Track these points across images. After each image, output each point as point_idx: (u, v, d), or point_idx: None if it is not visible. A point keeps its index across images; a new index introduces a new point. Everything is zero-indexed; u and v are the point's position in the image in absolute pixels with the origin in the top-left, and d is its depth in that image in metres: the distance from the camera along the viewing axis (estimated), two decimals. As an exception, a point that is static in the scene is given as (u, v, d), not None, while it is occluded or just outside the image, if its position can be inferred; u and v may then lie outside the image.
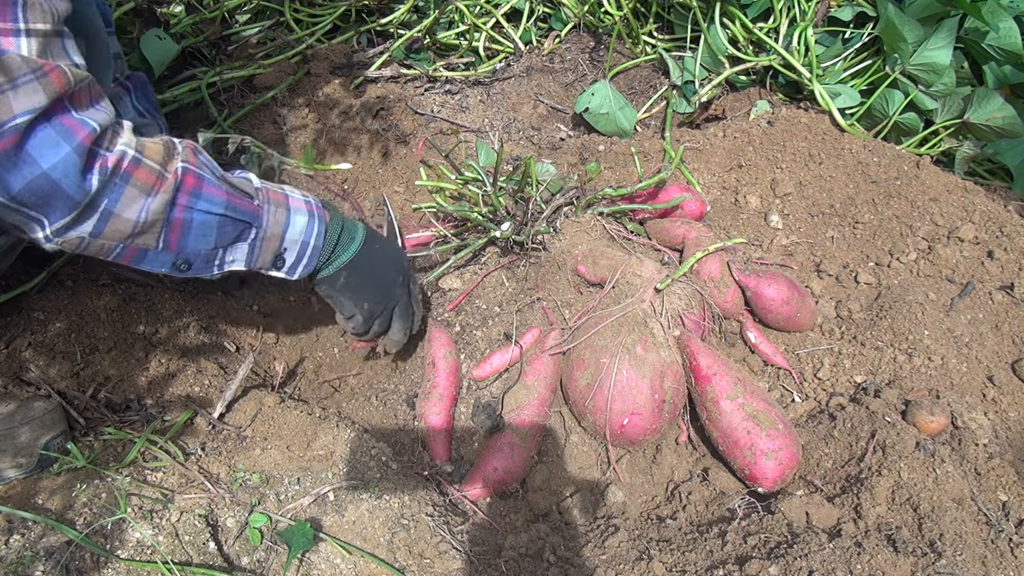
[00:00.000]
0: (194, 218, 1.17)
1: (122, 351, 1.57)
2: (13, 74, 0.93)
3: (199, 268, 1.23)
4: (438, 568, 1.25)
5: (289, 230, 1.31)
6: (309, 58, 2.40)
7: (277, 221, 1.29)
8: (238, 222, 1.22)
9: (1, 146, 0.94)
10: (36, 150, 0.97)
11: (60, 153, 0.99)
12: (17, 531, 1.15)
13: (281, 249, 1.32)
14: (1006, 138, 2.19)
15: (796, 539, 1.24)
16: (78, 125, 1.01)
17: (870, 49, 2.34)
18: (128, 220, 1.09)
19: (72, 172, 1.00)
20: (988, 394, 1.58)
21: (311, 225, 1.35)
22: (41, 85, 0.96)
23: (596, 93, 2.36)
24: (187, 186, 1.15)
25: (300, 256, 1.35)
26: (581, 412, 1.55)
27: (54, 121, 0.99)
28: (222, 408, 1.47)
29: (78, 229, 1.05)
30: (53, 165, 0.99)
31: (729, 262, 1.73)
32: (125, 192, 1.07)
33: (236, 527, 1.24)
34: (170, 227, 1.15)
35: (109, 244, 1.10)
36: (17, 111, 0.94)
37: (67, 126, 1.00)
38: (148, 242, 1.14)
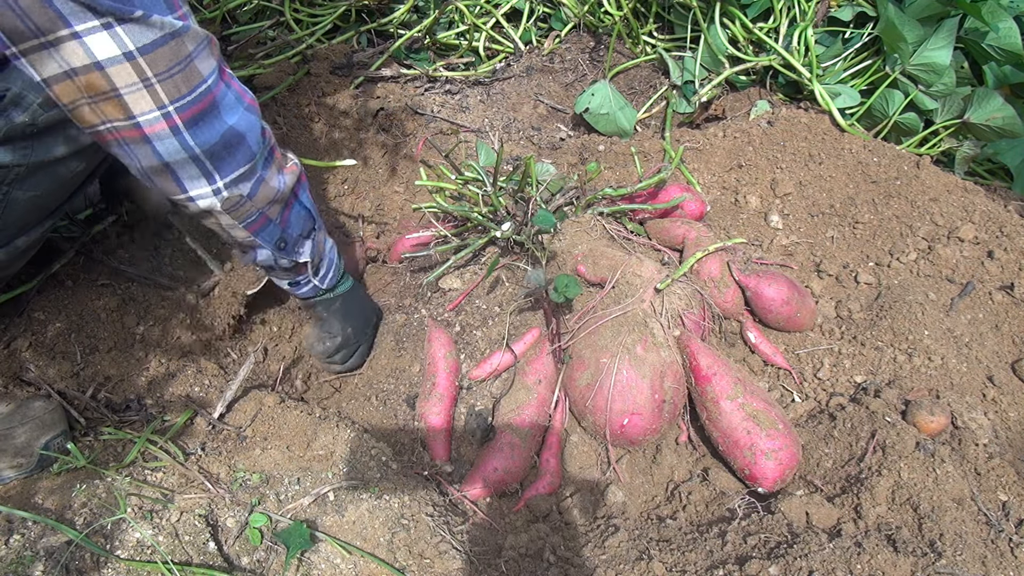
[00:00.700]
0: (296, 206, 1.39)
1: (122, 351, 1.57)
2: (198, 41, 1.07)
3: (289, 250, 1.43)
4: (438, 568, 1.25)
5: (327, 243, 1.56)
6: (309, 58, 2.40)
7: (324, 231, 1.54)
8: (313, 219, 1.46)
9: (200, 106, 1.10)
10: (224, 108, 1.15)
11: (239, 111, 1.17)
12: (17, 531, 1.15)
13: (323, 255, 1.55)
14: (1006, 138, 2.19)
15: (796, 539, 1.24)
16: (243, 90, 1.20)
17: (870, 49, 2.34)
18: (272, 188, 1.29)
19: (255, 127, 1.21)
20: (988, 394, 1.58)
21: (333, 247, 1.61)
22: (211, 51, 1.11)
23: (596, 93, 2.36)
24: (302, 179, 1.41)
25: (328, 268, 1.58)
26: (581, 412, 1.55)
27: (230, 85, 1.17)
28: (222, 408, 1.46)
29: (241, 186, 1.22)
30: (238, 120, 1.17)
31: (729, 262, 1.73)
32: (272, 165, 1.28)
33: (236, 527, 1.24)
34: (286, 206, 1.37)
35: (253, 209, 1.28)
36: (205, 74, 1.10)
37: (237, 90, 1.18)
38: (273, 213, 1.34)
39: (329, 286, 1.61)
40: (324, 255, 1.55)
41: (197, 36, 1.07)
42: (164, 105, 1.06)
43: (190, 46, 1.06)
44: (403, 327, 1.80)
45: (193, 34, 1.06)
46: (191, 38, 1.06)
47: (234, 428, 1.45)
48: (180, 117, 1.08)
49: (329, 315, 1.67)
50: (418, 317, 1.80)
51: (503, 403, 1.57)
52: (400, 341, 1.77)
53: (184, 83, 1.06)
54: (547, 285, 1.58)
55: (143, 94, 1.03)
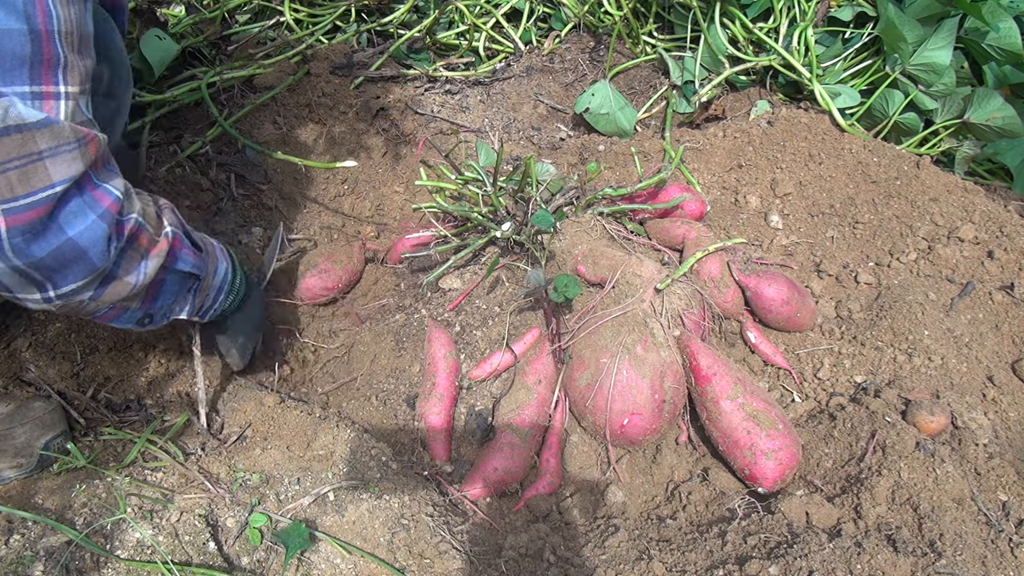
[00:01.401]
0: (167, 278, 1.21)
1: (122, 351, 1.57)
2: (59, 142, 0.93)
3: (157, 321, 1.26)
4: (438, 568, 1.25)
5: (215, 277, 1.37)
6: (309, 58, 2.40)
7: (211, 270, 1.34)
8: (192, 276, 1.27)
9: (34, 214, 0.93)
10: (65, 218, 0.97)
11: (87, 221, 1.00)
12: (17, 531, 1.15)
13: (205, 299, 1.37)
14: (1006, 138, 2.19)
15: (796, 539, 1.24)
16: (103, 194, 1.03)
17: (870, 49, 2.34)
18: (128, 284, 1.11)
19: (100, 240, 1.02)
20: (988, 394, 1.58)
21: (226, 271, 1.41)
22: (80, 154, 0.97)
23: (596, 93, 2.36)
24: (174, 248, 1.19)
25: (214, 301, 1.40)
26: (581, 412, 1.55)
27: (83, 191, 1.00)
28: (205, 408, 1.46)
29: (81, 294, 1.05)
30: (80, 232, 0.99)
31: (729, 262, 1.73)
32: (127, 258, 1.09)
33: (236, 527, 1.24)
34: (150, 288, 1.18)
35: (100, 306, 1.11)
36: (55, 179, 0.94)
37: (94, 195, 1.01)
38: (132, 303, 1.16)
39: (214, 318, 1.44)
40: (210, 295, 1.38)
41: (58, 135, 0.93)
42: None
43: (42, 144, 0.91)
44: (403, 327, 1.80)
45: (53, 132, 0.92)
46: (50, 136, 0.91)
47: (225, 437, 1.45)
48: (5, 222, 0.91)
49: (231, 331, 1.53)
50: (418, 317, 1.80)
51: (503, 403, 1.57)
52: (400, 341, 1.77)
53: (20, 183, 0.90)
54: (547, 285, 1.58)
55: None
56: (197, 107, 2.25)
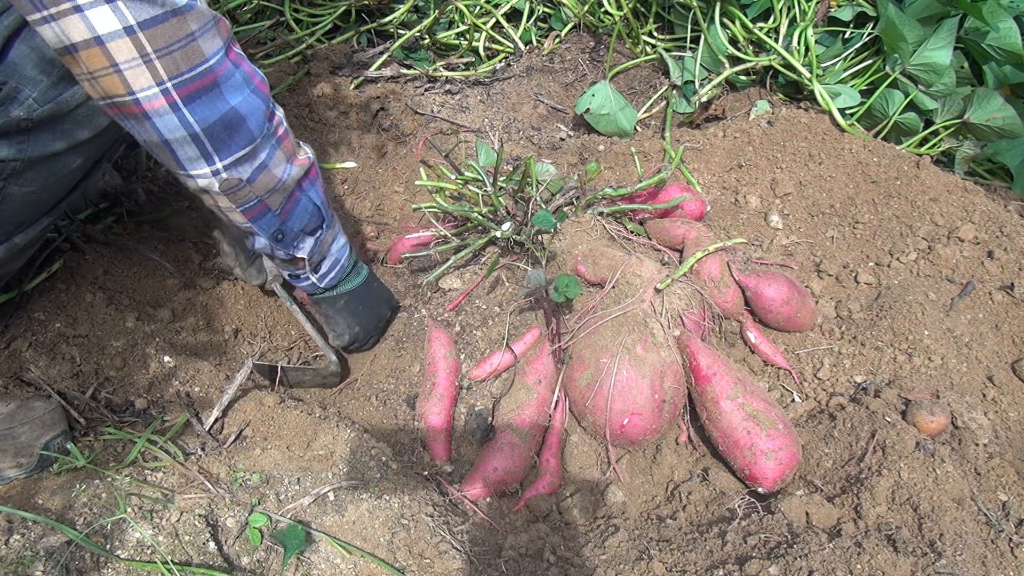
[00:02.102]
0: (302, 200, 1.38)
1: (122, 351, 1.57)
2: (202, 22, 1.08)
3: (286, 243, 1.42)
4: (438, 568, 1.25)
5: (334, 243, 1.55)
6: (309, 58, 2.40)
7: (333, 231, 1.53)
8: (320, 217, 1.45)
9: (200, 83, 1.10)
10: (227, 88, 1.15)
11: (244, 93, 1.17)
12: (17, 531, 1.15)
13: (326, 254, 1.54)
14: (1006, 138, 2.19)
15: (796, 539, 1.24)
16: (253, 72, 1.21)
17: (870, 49, 2.34)
18: (274, 177, 1.29)
19: (258, 111, 1.20)
20: (988, 394, 1.58)
21: (345, 247, 1.60)
22: (217, 31, 1.11)
23: (596, 94, 2.36)
24: (311, 172, 1.40)
25: (332, 267, 1.58)
26: (581, 412, 1.55)
27: (238, 66, 1.17)
28: (218, 412, 1.46)
29: (240, 169, 1.22)
30: (240, 102, 1.16)
31: (729, 262, 1.73)
32: (277, 153, 1.28)
33: (236, 527, 1.24)
34: (289, 198, 1.35)
35: (252, 195, 1.27)
36: (207, 54, 1.10)
37: (246, 71, 1.19)
38: (274, 203, 1.33)
39: (328, 285, 1.60)
40: (328, 254, 1.55)
41: (202, 16, 1.08)
42: (163, 81, 1.06)
43: (193, 25, 1.06)
44: (403, 327, 1.80)
45: (197, 13, 1.07)
46: (195, 17, 1.06)
47: (225, 437, 1.45)
48: (178, 93, 1.09)
49: (334, 313, 1.67)
50: (418, 317, 1.80)
51: (503, 403, 1.57)
52: (400, 341, 1.77)
53: (184, 60, 1.07)
54: (547, 285, 1.58)
55: (143, 69, 1.04)
56: (197, 107, 2.25)
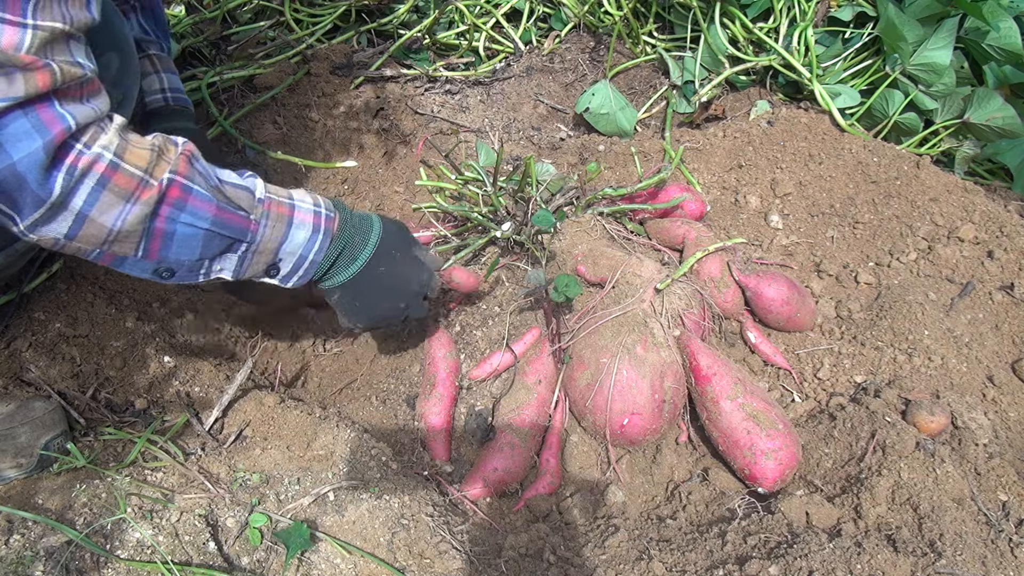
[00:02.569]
0: (176, 230, 1.13)
1: (122, 351, 1.58)
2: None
3: (183, 276, 1.19)
4: (438, 568, 1.25)
5: (285, 244, 1.26)
6: (309, 58, 2.40)
7: (272, 236, 1.24)
8: (225, 237, 1.18)
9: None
10: (8, 140, 0.94)
11: (31, 146, 0.96)
12: (17, 531, 1.15)
13: (276, 260, 1.27)
14: (1006, 138, 2.18)
15: (796, 539, 1.24)
16: (55, 120, 0.97)
17: (870, 49, 2.34)
18: (103, 226, 1.05)
19: (36, 168, 0.97)
20: (988, 394, 1.58)
21: (313, 239, 1.29)
22: (23, 78, 0.92)
23: (596, 93, 2.36)
24: (170, 197, 1.11)
25: (296, 267, 1.30)
26: (581, 412, 1.55)
27: (31, 112, 0.95)
28: (218, 412, 1.46)
29: (51, 228, 1.02)
30: (21, 158, 0.95)
31: (729, 262, 1.73)
32: (101, 197, 1.03)
33: (236, 527, 1.24)
34: (150, 237, 1.11)
35: (86, 247, 1.07)
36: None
37: (44, 119, 0.96)
38: (126, 250, 1.10)
39: (299, 284, 1.34)
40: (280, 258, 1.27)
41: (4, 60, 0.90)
42: None
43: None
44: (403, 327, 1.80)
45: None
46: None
47: (225, 437, 1.45)
48: None
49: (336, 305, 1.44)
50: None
51: (503, 403, 1.57)
52: (400, 341, 1.77)
53: None
54: (547, 285, 1.58)
55: None
56: (197, 107, 2.24)
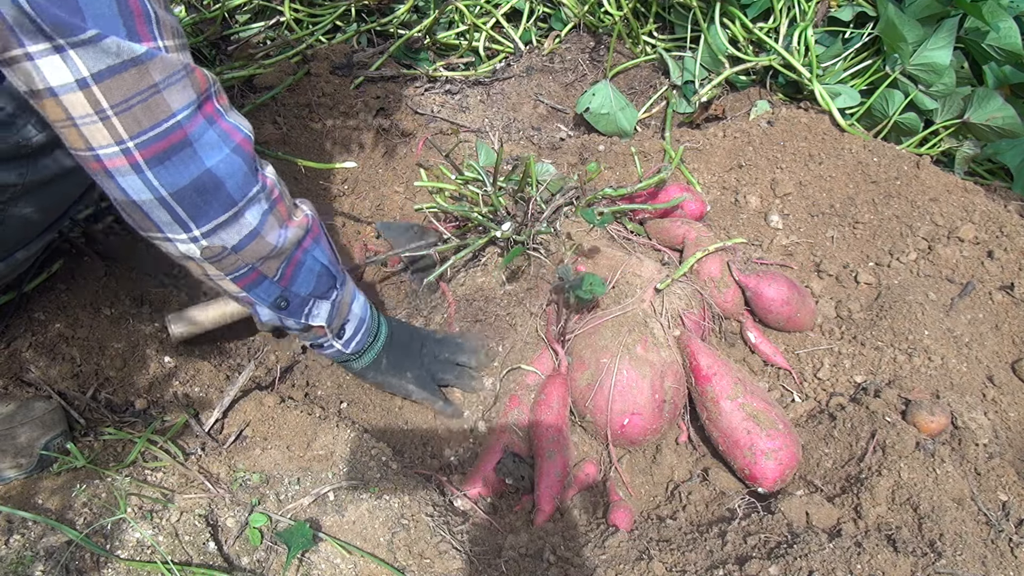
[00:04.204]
0: (306, 261, 1.25)
1: (122, 351, 1.57)
2: (169, 72, 0.96)
3: (293, 310, 1.28)
4: (438, 568, 1.25)
5: (354, 303, 1.41)
6: (309, 58, 2.40)
7: (348, 290, 1.38)
8: (332, 277, 1.31)
9: (166, 143, 0.98)
10: (201, 148, 1.02)
11: (222, 153, 1.04)
12: (17, 531, 1.15)
13: (347, 317, 1.40)
14: (1006, 138, 2.18)
15: (796, 539, 1.24)
16: (234, 129, 1.07)
17: (870, 49, 2.34)
18: (268, 243, 1.15)
19: (237, 172, 1.07)
20: (988, 394, 1.58)
21: (366, 304, 1.46)
22: (190, 81, 0.99)
23: (597, 93, 2.36)
24: (313, 231, 1.26)
25: (357, 330, 1.43)
26: (581, 412, 1.55)
27: (213, 122, 1.04)
28: (219, 414, 1.46)
29: (223, 236, 1.10)
30: (217, 163, 1.04)
31: (729, 262, 1.73)
32: (269, 218, 1.14)
33: (236, 527, 1.24)
34: (289, 262, 1.22)
35: (241, 263, 1.15)
36: (175, 108, 0.98)
37: (224, 128, 1.06)
38: (270, 269, 1.20)
39: (357, 349, 1.45)
40: (348, 316, 1.40)
41: (168, 65, 0.96)
42: (123, 140, 0.95)
43: (156, 76, 0.95)
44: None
45: (162, 62, 0.95)
46: (159, 67, 0.95)
47: (225, 437, 1.45)
48: (141, 154, 0.97)
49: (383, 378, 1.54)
50: (421, 318, 1.81)
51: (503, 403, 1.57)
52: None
53: (145, 116, 0.95)
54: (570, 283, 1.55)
55: (99, 127, 0.93)
56: (197, 107, 2.25)
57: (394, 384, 1.56)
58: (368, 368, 1.52)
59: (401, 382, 1.56)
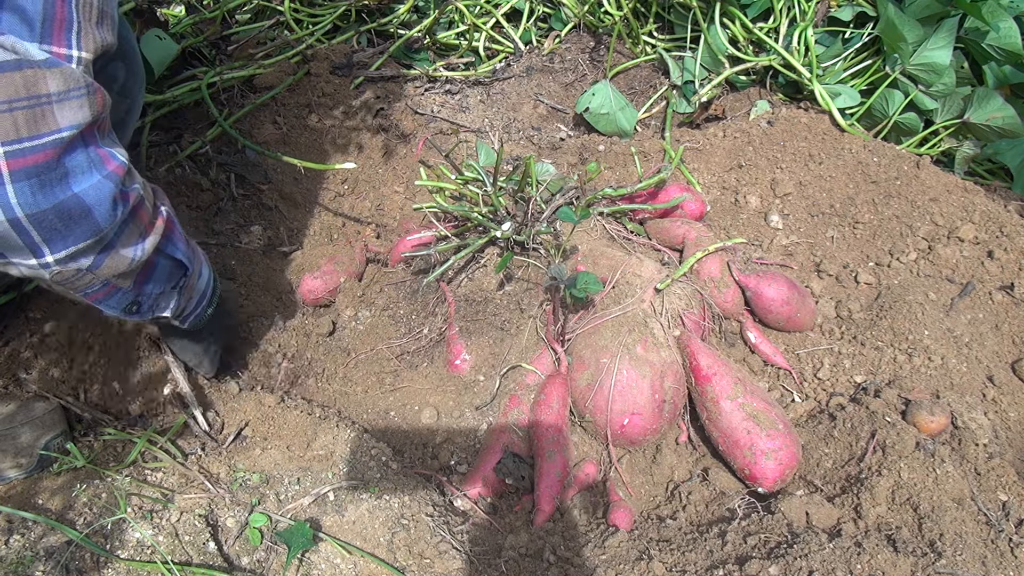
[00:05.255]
0: (159, 262, 1.17)
1: (121, 352, 1.57)
2: (68, 86, 0.90)
3: (144, 311, 1.22)
4: (438, 568, 1.25)
5: (199, 282, 1.33)
6: (309, 58, 2.40)
7: (196, 270, 1.30)
8: (185, 267, 1.23)
9: (40, 157, 0.90)
10: (72, 172, 0.94)
11: (93, 179, 0.97)
12: (17, 531, 1.15)
13: (190, 298, 1.32)
14: (1006, 138, 2.18)
15: (796, 539, 1.24)
16: (109, 156, 1.00)
17: (870, 49, 2.34)
18: (125, 258, 1.07)
19: (106, 200, 0.99)
20: (988, 394, 1.58)
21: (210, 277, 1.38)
22: (88, 102, 0.94)
23: (597, 93, 2.36)
24: (168, 230, 1.16)
25: (197, 304, 1.36)
26: (581, 412, 1.55)
27: (88, 146, 0.97)
28: (218, 412, 1.46)
29: (80, 260, 1.01)
30: (85, 189, 0.96)
31: (729, 262, 1.73)
32: (127, 229, 1.06)
33: (236, 527, 1.24)
34: (144, 268, 1.14)
35: (96, 281, 1.07)
36: (62, 125, 0.91)
37: (99, 154, 0.99)
38: (124, 282, 1.12)
39: (194, 324, 1.40)
40: (194, 297, 1.34)
41: (69, 79, 0.90)
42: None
43: (52, 86, 0.88)
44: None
45: (64, 74, 0.89)
46: (58, 78, 0.88)
47: (224, 437, 1.45)
48: (8, 165, 0.87)
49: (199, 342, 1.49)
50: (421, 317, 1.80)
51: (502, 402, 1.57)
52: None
53: (26, 125, 0.87)
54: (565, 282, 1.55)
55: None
56: (197, 107, 2.25)
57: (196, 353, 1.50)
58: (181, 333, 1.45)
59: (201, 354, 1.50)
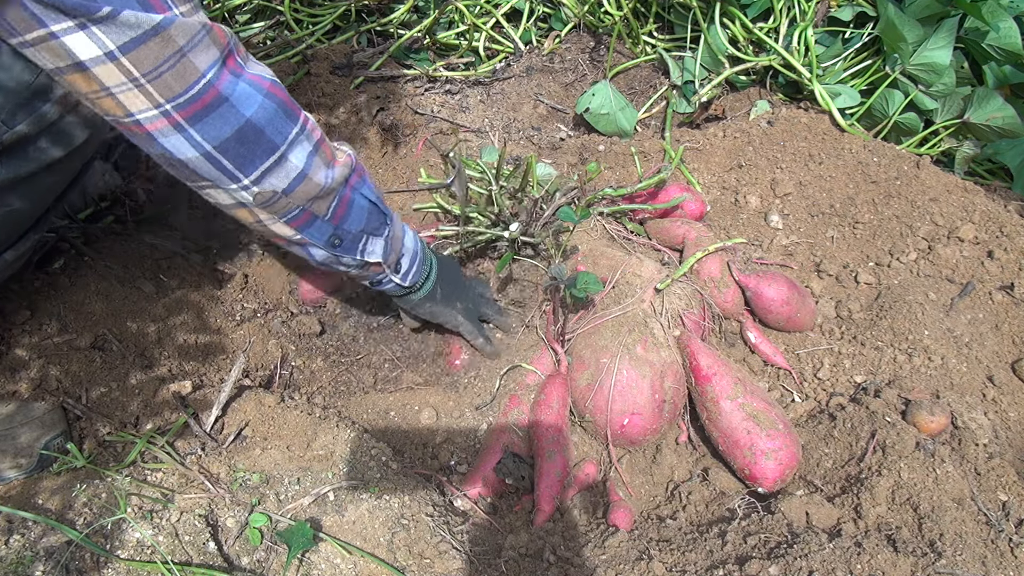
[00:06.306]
0: (355, 199, 1.29)
1: (121, 351, 1.57)
2: (191, 34, 0.99)
3: (348, 247, 1.32)
4: (438, 568, 1.25)
5: (405, 237, 1.45)
6: (309, 58, 2.40)
7: (399, 225, 1.42)
8: (381, 214, 1.35)
9: (204, 100, 1.02)
10: (237, 100, 1.06)
11: (256, 101, 1.09)
12: (17, 531, 1.15)
13: (401, 251, 1.44)
14: (1006, 138, 2.18)
15: (796, 539, 1.24)
16: (259, 78, 1.12)
17: (870, 49, 2.34)
18: (317, 184, 1.19)
19: (274, 117, 1.11)
20: (988, 394, 1.58)
21: (415, 236, 1.49)
22: (212, 39, 1.03)
23: (597, 93, 2.36)
24: (357, 170, 1.30)
25: (412, 262, 1.47)
26: (581, 412, 1.55)
27: (239, 75, 1.08)
28: (217, 411, 1.46)
29: (272, 181, 1.14)
30: (254, 112, 1.08)
31: (729, 262, 1.73)
32: (315, 159, 1.18)
33: (236, 527, 1.24)
34: (339, 201, 1.26)
35: (293, 204, 1.19)
36: (202, 68, 1.01)
37: (251, 78, 1.10)
38: (320, 209, 1.24)
39: (414, 282, 1.50)
40: (403, 250, 1.45)
41: (188, 28, 0.98)
42: (160, 104, 0.99)
43: (180, 40, 0.98)
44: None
45: (182, 26, 0.97)
46: (180, 31, 0.97)
47: (224, 437, 1.45)
48: (180, 115, 1.01)
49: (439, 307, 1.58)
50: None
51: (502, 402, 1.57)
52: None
53: (177, 81, 0.99)
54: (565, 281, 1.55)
55: (135, 93, 0.97)
56: (197, 107, 2.25)
57: (446, 314, 1.60)
58: (425, 299, 1.55)
59: (453, 312, 1.60)
